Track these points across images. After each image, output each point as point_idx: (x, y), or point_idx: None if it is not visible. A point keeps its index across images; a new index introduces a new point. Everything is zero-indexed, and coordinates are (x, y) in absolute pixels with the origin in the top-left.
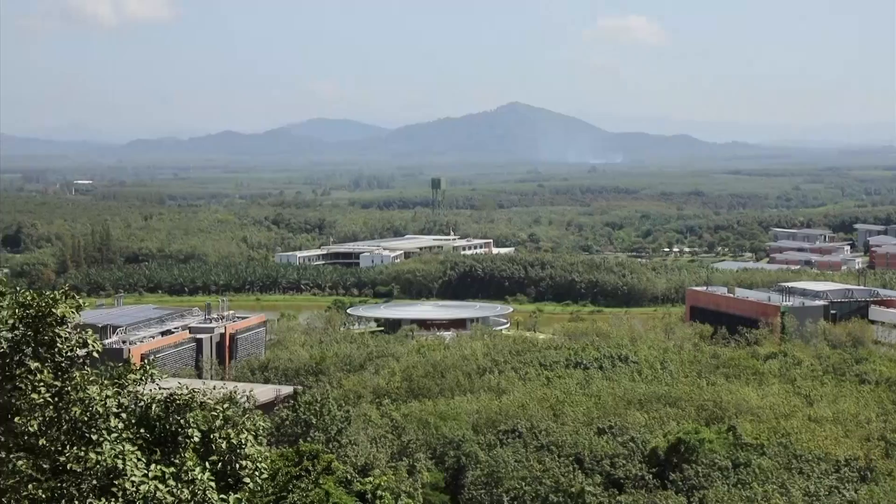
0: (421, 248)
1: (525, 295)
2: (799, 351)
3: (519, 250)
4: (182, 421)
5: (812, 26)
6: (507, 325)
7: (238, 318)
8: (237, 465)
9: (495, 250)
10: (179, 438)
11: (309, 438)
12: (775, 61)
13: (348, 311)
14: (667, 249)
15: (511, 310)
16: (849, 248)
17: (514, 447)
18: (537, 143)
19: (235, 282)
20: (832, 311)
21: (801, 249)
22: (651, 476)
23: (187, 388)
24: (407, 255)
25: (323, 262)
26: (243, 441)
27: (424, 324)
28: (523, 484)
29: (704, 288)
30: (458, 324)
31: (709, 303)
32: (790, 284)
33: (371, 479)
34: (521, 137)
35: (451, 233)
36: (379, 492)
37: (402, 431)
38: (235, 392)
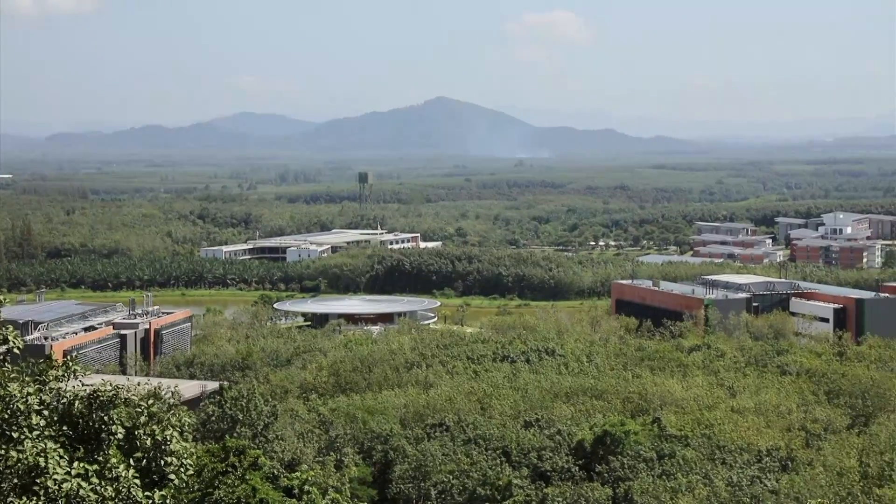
0: (348, 243)
1: (452, 289)
2: (722, 343)
3: (446, 244)
4: (106, 418)
5: (735, 24)
6: (435, 320)
7: (163, 313)
8: (162, 462)
9: (423, 244)
10: (103, 435)
11: (235, 434)
12: (699, 58)
13: (275, 305)
14: (593, 243)
15: (438, 304)
16: (770, 241)
17: (442, 441)
18: (464, 138)
19: (160, 277)
20: (754, 304)
21: (724, 243)
22: (577, 468)
23: (111, 384)
24: (334, 249)
25: (249, 256)
26: (168, 437)
27: (352, 318)
28: (451, 477)
29: (630, 281)
30: (386, 318)
31: (634, 296)
32: (713, 277)
33: (298, 474)
34: (449, 132)
35: (379, 227)
36: (306, 487)
37: (330, 426)
38: (160, 388)
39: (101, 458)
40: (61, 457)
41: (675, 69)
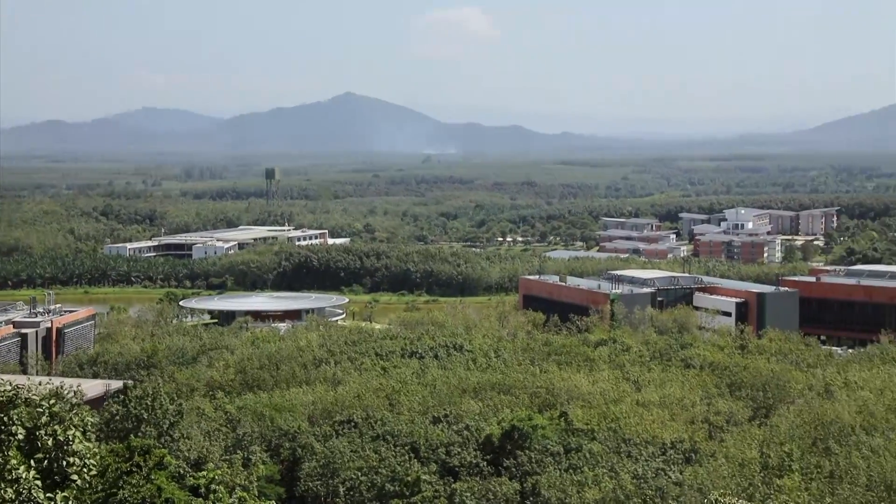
0: (255, 239)
1: (361, 285)
2: (627, 337)
3: (354, 241)
4: (5, 418)
5: (640, 21)
6: (343, 316)
7: (65, 311)
8: (64, 463)
9: (331, 241)
10: (2, 436)
11: (140, 433)
12: (605, 55)
13: (181, 303)
14: (500, 239)
15: (347, 300)
16: (674, 236)
17: (350, 437)
18: (372, 134)
19: (62, 275)
20: (659, 299)
21: (629, 238)
22: (485, 463)
23: (11, 384)
24: (241, 246)
25: (154, 253)
26: (70, 437)
27: (259, 315)
28: (359, 474)
29: (537, 277)
30: (294, 315)
31: (541, 291)
32: (619, 272)
33: (205, 472)
34: (356, 128)
35: (286, 223)
36: (213, 486)
37: (237, 424)
38: (62, 388)
39: (0, 460)
40: None
41: (581, 66)
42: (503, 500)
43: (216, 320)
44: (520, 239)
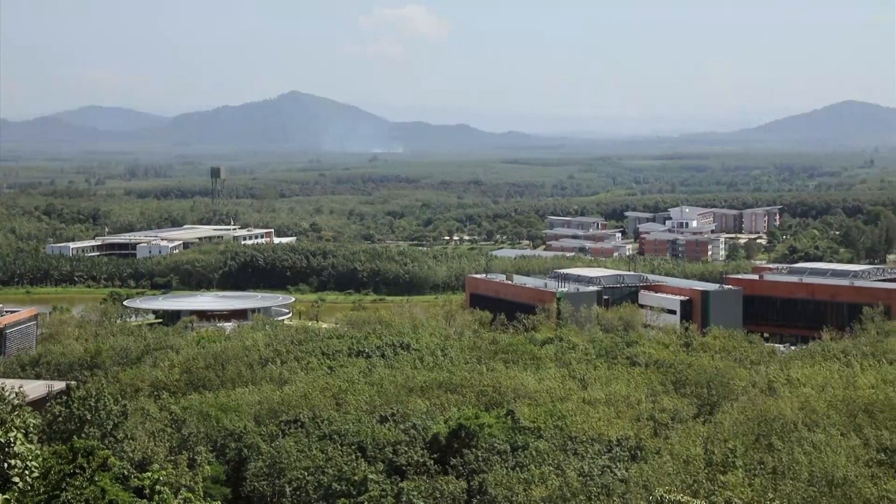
0: (201, 239)
1: (307, 284)
2: (574, 336)
3: (301, 240)
4: None
5: (586, 20)
6: (290, 315)
7: (7, 311)
8: (6, 465)
9: (277, 240)
10: None
11: (83, 434)
12: (550, 53)
13: (125, 303)
14: (447, 238)
15: (293, 300)
16: (620, 234)
17: (297, 437)
18: (318, 133)
19: (3, 275)
20: (605, 297)
21: (575, 237)
22: (433, 462)
23: None
24: (186, 245)
25: (98, 253)
26: (12, 439)
27: (204, 315)
28: (306, 474)
29: (484, 275)
30: (240, 314)
31: (488, 290)
32: (565, 271)
33: (149, 473)
34: (302, 126)
35: (232, 222)
36: (158, 487)
37: (182, 424)
38: (3, 389)
39: None
40: None
41: (528, 65)
42: (450, 499)
43: (161, 320)
44: (466, 238)
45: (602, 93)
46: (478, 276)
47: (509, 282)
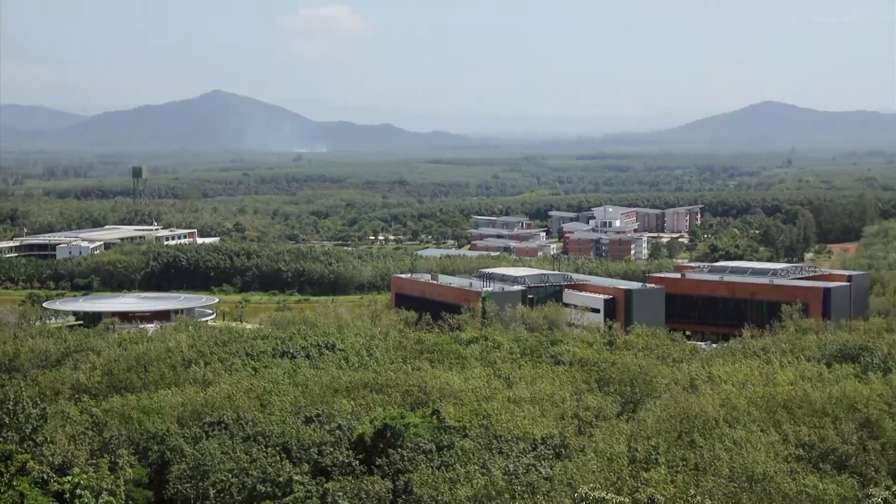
0: (122, 239)
1: (231, 285)
2: (499, 335)
3: (224, 240)
4: None
5: (511, 21)
6: (213, 316)
7: None
8: None
9: (200, 240)
10: None
11: (1, 439)
12: (474, 54)
13: (44, 304)
14: (372, 237)
15: (217, 300)
16: (544, 234)
17: (221, 439)
18: (241, 132)
19: None
20: (529, 296)
21: (500, 236)
22: (358, 462)
23: None
24: (107, 246)
25: (16, 254)
26: None
27: (126, 316)
28: (230, 476)
29: (409, 275)
30: (162, 316)
31: (413, 290)
32: (490, 270)
33: (70, 477)
34: (225, 126)
35: (154, 223)
36: (78, 490)
37: (104, 427)
38: None
39: None
40: None
41: (451, 65)
42: (375, 499)
43: (81, 322)
44: (392, 237)
45: (526, 93)
46: (403, 275)
47: (434, 281)
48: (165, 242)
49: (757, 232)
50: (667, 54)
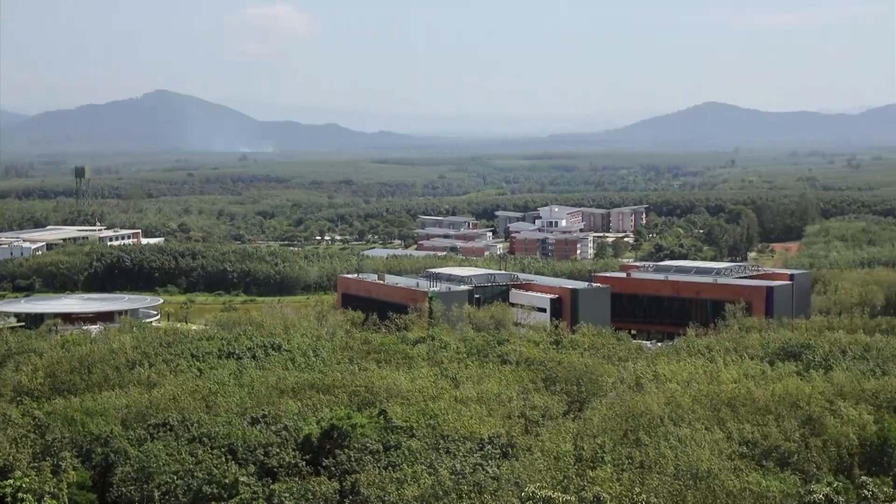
0: (65, 240)
1: (176, 286)
2: (446, 335)
3: (169, 240)
4: None
5: (452, 20)
6: (158, 317)
7: None
8: None
9: (144, 241)
10: None
11: None
12: (420, 54)
13: None
14: (318, 238)
15: (161, 301)
16: (491, 234)
17: (166, 441)
18: (186, 132)
19: None
20: (476, 296)
21: (446, 236)
22: (304, 463)
23: None
24: (49, 246)
25: None
26: None
27: (69, 318)
28: (175, 478)
29: (355, 275)
30: (106, 317)
31: (360, 290)
32: (437, 270)
33: (11, 481)
34: (170, 125)
35: (97, 223)
36: (20, 494)
37: (46, 430)
38: None
39: None
40: None
41: (398, 65)
42: (322, 500)
43: (23, 324)
44: (338, 237)
45: (472, 93)
46: (349, 276)
47: (381, 281)
48: (109, 243)
49: (701, 231)
50: (612, 55)
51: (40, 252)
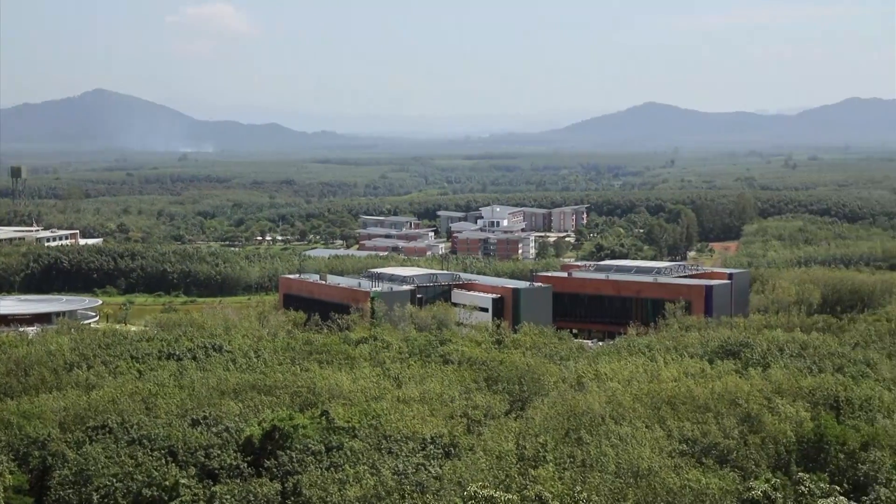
0: (1, 240)
1: (115, 287)
2: (388, 335)
3: (108, 241)
4: None
5: (394, 20)
6: (97, 319)
7: None
8: None
9: (83, 241)
10: None
11: None
12: (362, 54)
13: None
14: (260, 238)
15: (100, 302)
16: (433, 234)
17: (105, 443)
18: (125, 131)
19: None
20: (418, 296)
21: (388, 236)
22: (246, 465)
23: None
24: None
25: None
26: None
27: (5, 319)
28: (114, 480)
29: (297, 275)
30: (43, 318)
31: (302, 290)
32: (379, 270)
33: None
34: (108, 125)
35: (34, 224)
36: None
37: None
38: None
39: None
40: None
41: (338, 65)
42: (264, 502)
43: None
44: (279, 238)
45: (414, 93)
46: (291, 276)
47: (323, 282)
48: (46, 244)
49: (641, 231)
50: (553, 55)
51: None
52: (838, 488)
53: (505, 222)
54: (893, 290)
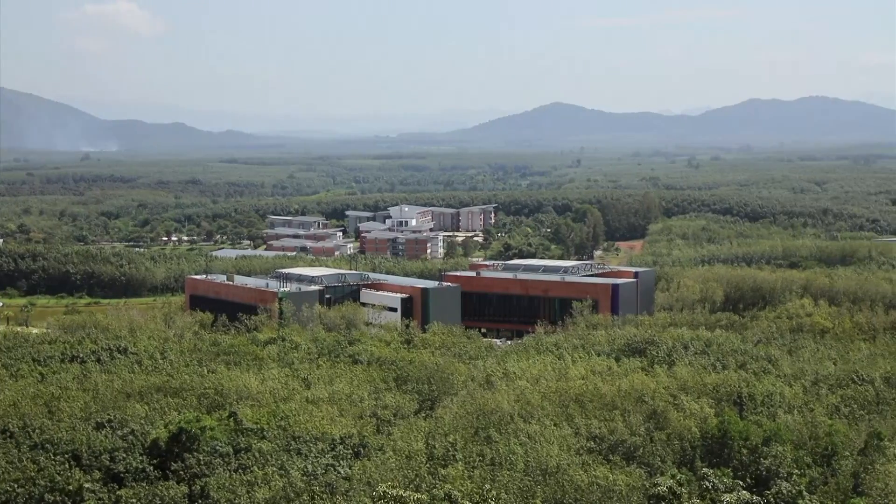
0: None
1: (16, 288)
2: (296, 335)
3: (8, 242)
4: None
5: (301, 18)
6: None
7: None
8: None
9: None
10: None
11: None
12: (269, 53)
13: None
14: (165, 238)
15: (0, 304)
16: (341, 234)
17: (6, 448)
18: (24, 130)
19: None
20: (327, 296)
21: (296, 236)
22: (152, 468)
23: None
24: None
25: None
26: None
27: None
28: (16, 486)
29: (204, 276)
30: None
31: (208, 291)
32: (287, 270)
33: None
34: (7, 124)
35: None
36: None
37: None
38: None
39: None
40: None
41: (246, 64)
42: None
43: None
44: (186, 238)
45: (321, 93)
46: (198, 276)
47: (230, 282)
48: None
49: (549, 230)
50: (460, 55)
51: None
52: (741, 483)
53: (413, 222)
54: (793, 288)
